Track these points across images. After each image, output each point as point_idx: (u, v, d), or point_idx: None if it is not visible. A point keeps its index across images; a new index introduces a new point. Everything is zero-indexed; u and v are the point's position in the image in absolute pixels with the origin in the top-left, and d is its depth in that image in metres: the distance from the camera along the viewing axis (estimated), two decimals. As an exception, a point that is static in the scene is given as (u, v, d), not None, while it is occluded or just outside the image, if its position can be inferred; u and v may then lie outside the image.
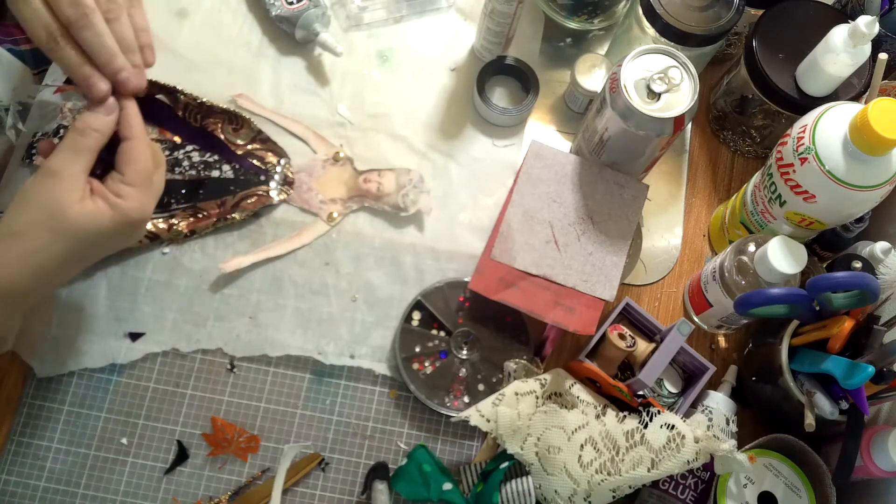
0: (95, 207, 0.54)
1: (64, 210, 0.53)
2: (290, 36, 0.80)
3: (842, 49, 0.65)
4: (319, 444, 0.69)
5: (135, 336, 0.70)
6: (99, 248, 0.58)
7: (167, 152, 0.74)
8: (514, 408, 0.65)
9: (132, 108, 0.57)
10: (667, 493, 0.67)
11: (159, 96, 0.75)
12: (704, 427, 0.66)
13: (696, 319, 0.76)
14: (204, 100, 0.75)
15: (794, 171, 0.64)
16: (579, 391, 0.68)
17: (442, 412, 0.70)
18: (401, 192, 0.76)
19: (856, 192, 0.61)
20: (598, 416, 0.67)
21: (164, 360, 0.70)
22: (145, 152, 0.57)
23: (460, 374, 0.71)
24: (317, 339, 0.72)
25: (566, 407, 0.67)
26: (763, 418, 0.72)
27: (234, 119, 0.76)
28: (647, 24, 0.73)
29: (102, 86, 0.55)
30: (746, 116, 0.79)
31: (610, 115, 0.66)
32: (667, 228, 0.81)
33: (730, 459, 0.61)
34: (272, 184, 0.75)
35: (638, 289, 0.78)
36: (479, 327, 0.72)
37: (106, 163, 0.57)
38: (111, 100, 0.56)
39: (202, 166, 0.74)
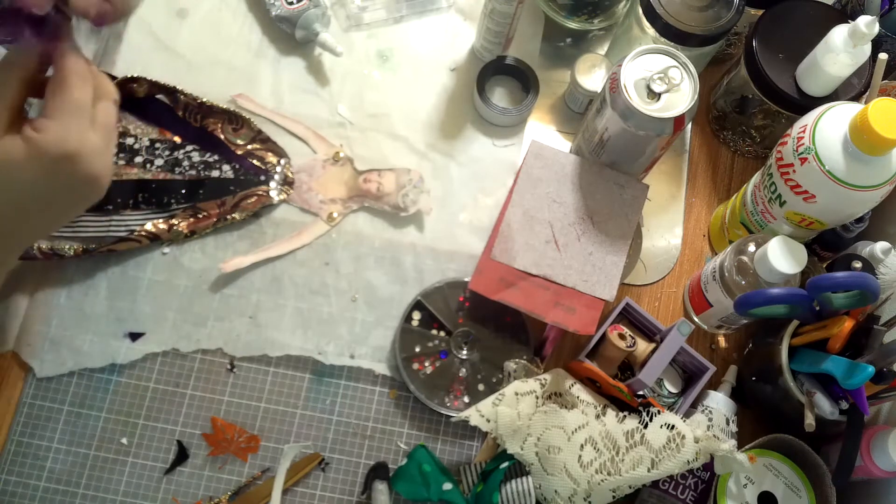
0: (4, 144, 0.48)
1: None
2: (290, 36, 0.80)
3: (842, 49, 0.65)
4: (319, 444, 0.69)
5: (135, 336, 0.70)
6: (31, 199, 0.50)
7: (167, 152, 0.74)
8: (514, 408, 0.65)
9: (65, 41, 0.51)
10: (667, 493, 0.67)
11: (159, 96, 0.75)
12: (704, 427, 0.66)
13: (696, 319, 0.76)
14: (204, 100, 0.75)
15: (794, 171, 0.64)
16: (579, 391, 0.68)
17: (442, 412, 0.70)
18: (401, 192, 0.75)
19: (856, 192, 0.61)
20: (598, 416, 0.67)
21: (164, 360, 0.70)
22: (72, 82, 0.50)
23: (460, 374, 0.71)
24: (317, 339, 0.72)
25: (566, 407, 0.67)
26: (763, 418, 0.72)
27: (234, 119, 0.76)
28: (647, 24, 0.73)
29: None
30: (746, 116, 0.79)
31: (610, 115, 0.66)
32: (667, 228, 0.81)
33: (730, 459, 0.61)
34: (272, 184, 0.75)
35: (638, 289, 0.78)
36: (479, 327, 0.72)
37: None
38: (27, 33, 0.50)
39: (202, 166, 0.74)
